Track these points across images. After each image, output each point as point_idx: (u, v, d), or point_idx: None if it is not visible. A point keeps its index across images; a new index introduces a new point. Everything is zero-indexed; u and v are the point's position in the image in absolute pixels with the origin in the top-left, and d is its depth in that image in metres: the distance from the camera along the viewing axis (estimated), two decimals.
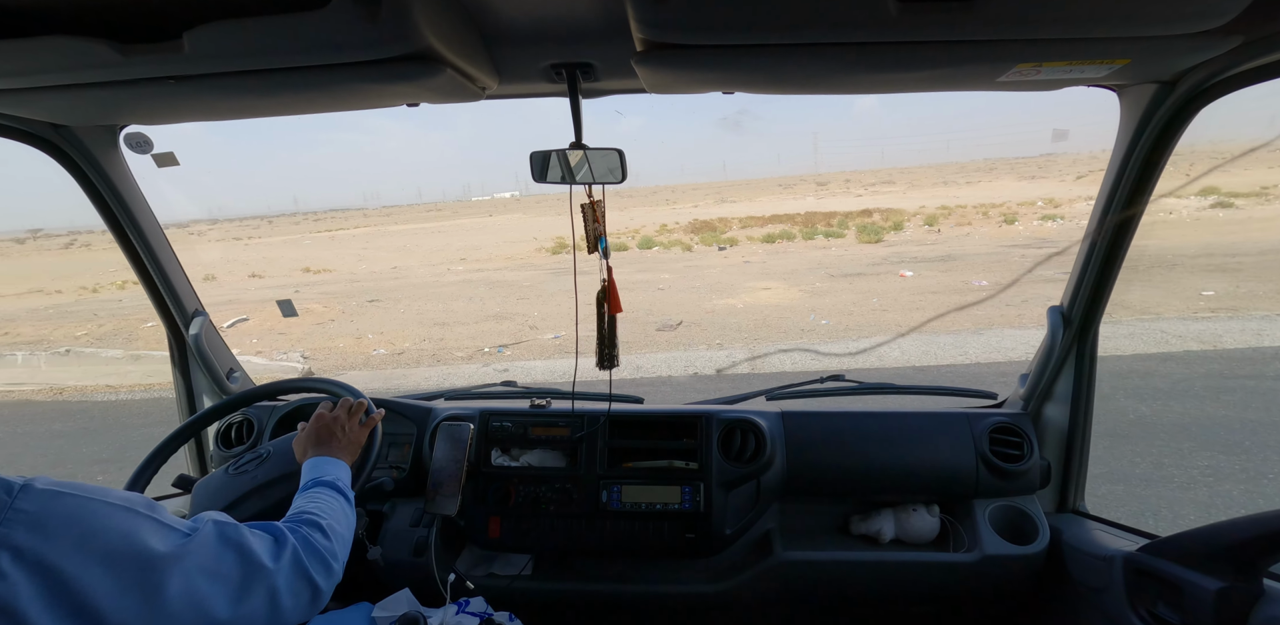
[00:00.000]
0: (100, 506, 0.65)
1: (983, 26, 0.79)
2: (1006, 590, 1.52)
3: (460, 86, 1.00)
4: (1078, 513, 1.55)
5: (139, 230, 1.50)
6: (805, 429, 1.61)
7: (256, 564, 0.76)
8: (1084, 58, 0.91)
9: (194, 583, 0.68)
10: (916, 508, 1.59)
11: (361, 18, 0.76)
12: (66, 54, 0.83)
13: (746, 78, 1.01)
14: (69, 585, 0.59)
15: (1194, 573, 1.10)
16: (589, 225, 1.21)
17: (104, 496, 0.66)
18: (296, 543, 0.83)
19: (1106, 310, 1.41)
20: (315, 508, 0.95)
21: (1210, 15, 0.77)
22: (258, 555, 0.76)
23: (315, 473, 1.07)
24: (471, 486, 1.57)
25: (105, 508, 0.65)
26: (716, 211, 38.55)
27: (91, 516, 0.63)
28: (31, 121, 1.24)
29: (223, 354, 1.74)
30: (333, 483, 1.05)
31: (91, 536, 0.62)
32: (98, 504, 0.65)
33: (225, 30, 0.79)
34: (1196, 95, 1.09)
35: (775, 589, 1.55)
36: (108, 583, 0.61)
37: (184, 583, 0.67)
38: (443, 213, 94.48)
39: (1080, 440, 1.51)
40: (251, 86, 0.96)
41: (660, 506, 1.52)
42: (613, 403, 1.60)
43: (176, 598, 0.66)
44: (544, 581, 1.59)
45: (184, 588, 0.67)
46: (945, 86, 1.07)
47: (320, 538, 0.88)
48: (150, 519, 0.68)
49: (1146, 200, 1.25)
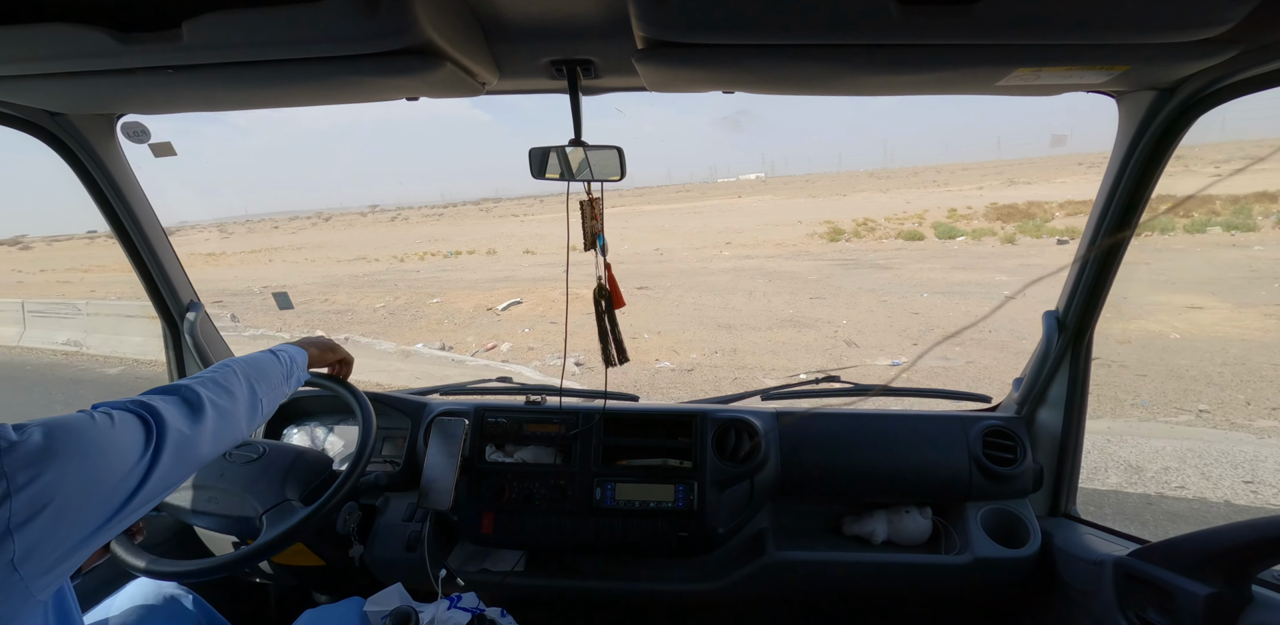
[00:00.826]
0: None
1: (984, 30, 0.79)
2: (997, 593, 1.53)
3: (460, 81, 1.00)
4: (1069, 517, 1.55)
5: (135, 220, 1.50)
6: (799, 429, 1.61)
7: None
8: (1083, 63, 0.91)
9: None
10: (909, 509, 1.59)
11: (361, 11, 0.75)
12: (65, 41, 0.83)
13: (746, 78, 1.01)
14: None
15: (1184, 578, 1.10)
16: (586, 222, 1.21)
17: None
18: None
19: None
20: (212, 375, 1.00)
21: (1209, 23, 0.77)
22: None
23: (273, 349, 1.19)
24: (465, 482, 1.57)
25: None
26: (1008, 195, 34.77)
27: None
28: (28, 109, 1.23)
29: (218, 346, 1.74)
30: (272, 350, 1.17)
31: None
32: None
33: (224, 20, 0.78)
34: (1195, 103, 1.09)
35: (767, 588, 1.55)
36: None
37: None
38: (691, 193, 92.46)
39: (1073, 445, 1.51)
40: (249, 77, 0.95)
41: (654, 504, 1.52)
42: (608, 400, 1.60)
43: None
44: (536, 578, 1.60)
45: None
46: (944, 89, 1.07)
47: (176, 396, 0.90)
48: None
49: (1144, 206, 1.25)
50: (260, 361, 1.12)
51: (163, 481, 0.79)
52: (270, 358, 1.15)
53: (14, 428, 0.67)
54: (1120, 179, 1.23)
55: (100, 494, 0.71)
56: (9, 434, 0.66)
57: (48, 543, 0.65)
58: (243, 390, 1.01)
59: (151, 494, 0.78)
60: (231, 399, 0.97)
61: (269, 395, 1.07)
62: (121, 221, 1.50)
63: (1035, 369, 1.52)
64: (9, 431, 0.66)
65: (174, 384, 0.93)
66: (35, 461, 0.65)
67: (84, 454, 0.70)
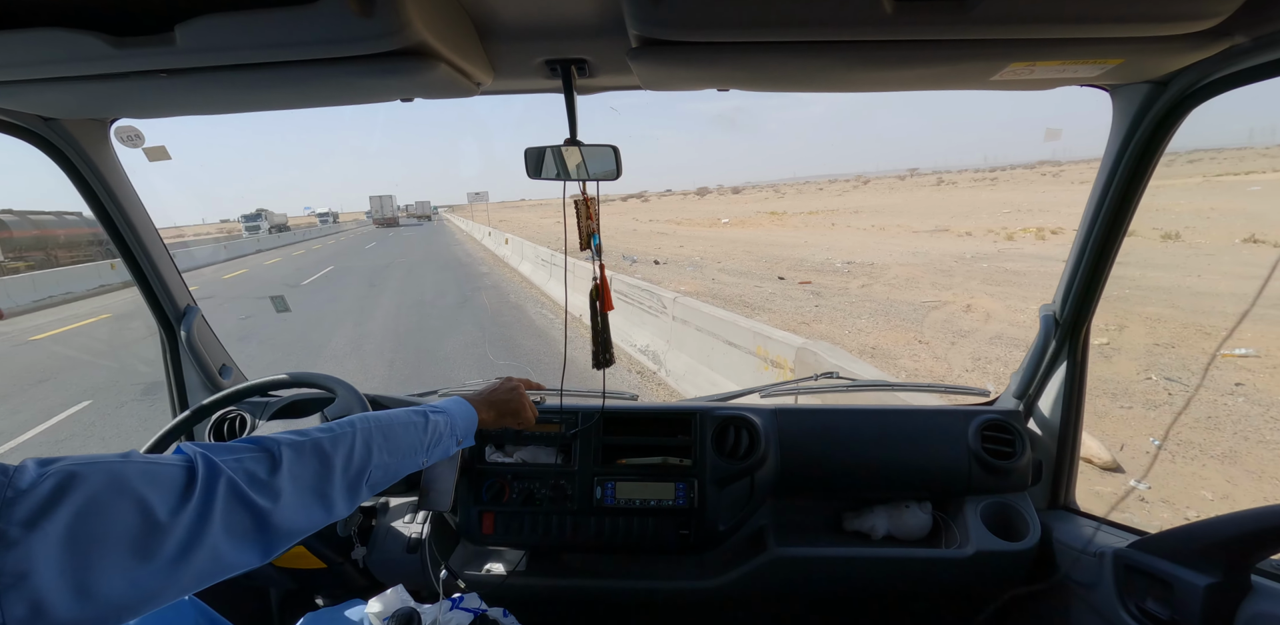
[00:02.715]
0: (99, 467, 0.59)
1: (977, 26, 0.79)
2: (997, 586, 1.53)
3: (454, 82, 1.00)
4: (1068, 509, 1.56)
5: (130, 225, 1.49)
6: (799, 426, 1.62)
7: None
8: (1077, 57, 0.91)
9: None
10: (909, 504, 1.60)
11: (354, 12, 0.75)
12: (57, 46, 0.83)
13: (741, 75, 1.01)
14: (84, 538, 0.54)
15: (1183, 568, 1.11)
16: (581, 222, 1.21)
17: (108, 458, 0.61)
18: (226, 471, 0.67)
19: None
20: (322, 436, 0.79)
21: (1202, 16, 0.77)
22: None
23: (438, 408, 0.97)
24: (465, 483, 1.57)
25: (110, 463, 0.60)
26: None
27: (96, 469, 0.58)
28: (21, 114, 1.23)
29: (214, 349, 1.73)
30: (424, 411, 0.92)
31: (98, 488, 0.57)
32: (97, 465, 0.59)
33: (217, 23, 0.78)
34: (1188, 95, 1.09)
35: (769, 585, 1.55)
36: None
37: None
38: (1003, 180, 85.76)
39: (1071, 437, 1.52)
40: (243, 81, 0.95)
41: (654, 503, 1.52)
42: (607, 399, 1.60)
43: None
44: (538, 577, 1.60)
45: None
46: (939, 85, 1.07)
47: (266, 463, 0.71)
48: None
49: (1138, 200, 1.25)
50: (395, 424, 0.88)
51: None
52: (413, 421, 0.91)
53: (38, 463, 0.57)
54: (1114, 173, 1.23)
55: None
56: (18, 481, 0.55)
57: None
58: (347, 459, 0.79)
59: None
60: (321, 470, 0.76)
61: (386, 467, 0.85)
62: (117, 226, 1.49)
63: (1032, 364, 1.52)
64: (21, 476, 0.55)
65: (261, 438, 0.76)
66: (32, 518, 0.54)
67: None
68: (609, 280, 1.28)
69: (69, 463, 0.58)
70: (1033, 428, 1.59)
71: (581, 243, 1.23)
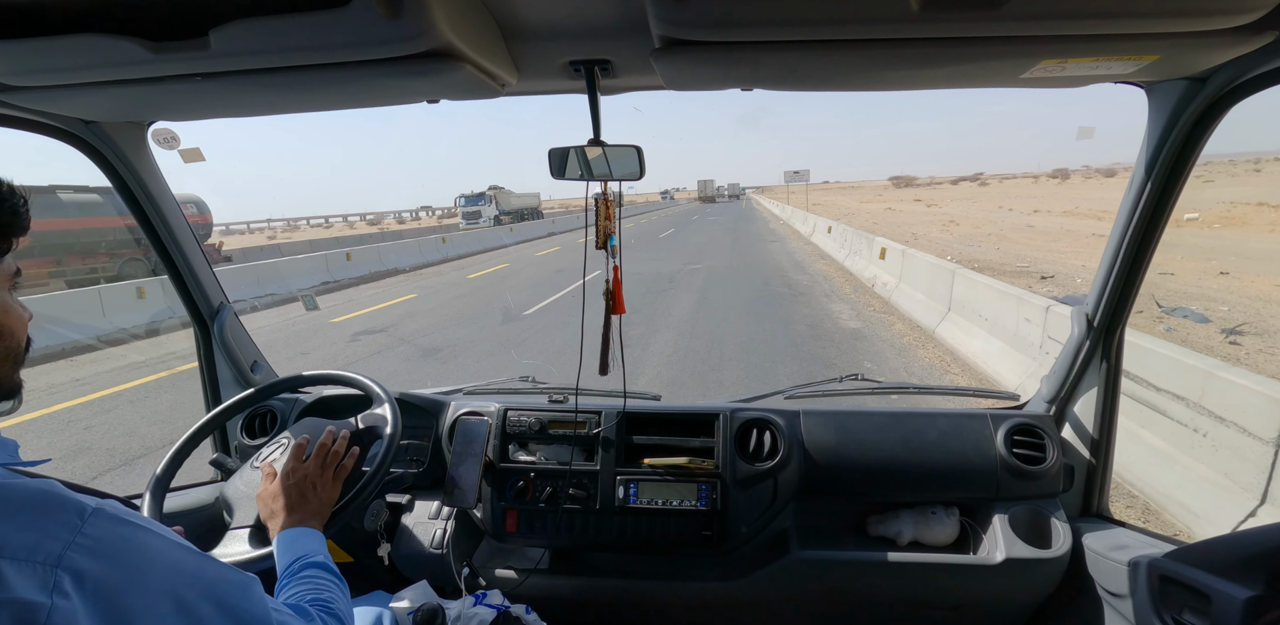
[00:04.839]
0: (167, 544, 0.64)
1: (1007, 23, 0.78)
2: (1027, 595, 1.50)
3: (479, 83, 1.01)
4: (1101, 517, 1.52)
5: (166, 225, 1.54)
6: (823, 428, 1.60)
7: None
8: (1111, 54, 0.89)
9: None
10: (935, 510, 1.57)
11: (382, 15, 0.77)
12: (98, 52, 0.86)
13: (766, 75, 1.01)
14: (128, 615, 0.57)
15: (1222, 580, 1.07)
16: (599, 221, 1.21)
17: (170, 535, 0.65)
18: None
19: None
20: (328, 597, 0.89)
21: (1243, 10, 0.75)
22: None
23: (298, 551, 1.00)
24: (489, 481, 1.59)
25: (173, 547, 0.64)
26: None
27: (156, 552, 0.62)
28: (63, 117, 1.27)
29: (247, 346, 1.77)
30: (323, 564, 0.98)
31: (152, 570, 0.61)
32: (166, 542, 0.64)
33: (249, 28, 0.80)
34: (1227, 92, 1.06)
35: (790, 588, 1.54)
36: (170, 620, 0.60)
37: None
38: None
39: (1104, 443, 1.48)
40: (275, 83, 0.98)
41: (677, 503, 1.52)
42: (630, 400, 1.61)
43: None
44: (560, 576, 1.60)
45: None
46: (967, 83, 1.06)
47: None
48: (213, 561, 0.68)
49: (1175, 199, 1.22)
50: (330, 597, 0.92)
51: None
52: (341, 587, 0.95)
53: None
54: (1151, 172, 1.20)
55: None
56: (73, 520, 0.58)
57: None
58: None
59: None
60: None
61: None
62: (154, 226, 1.54)
63: (1065, 366, 1.48)
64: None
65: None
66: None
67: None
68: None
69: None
70: (1065, 432, 1.55)
71: (598, 242, 1.23)
